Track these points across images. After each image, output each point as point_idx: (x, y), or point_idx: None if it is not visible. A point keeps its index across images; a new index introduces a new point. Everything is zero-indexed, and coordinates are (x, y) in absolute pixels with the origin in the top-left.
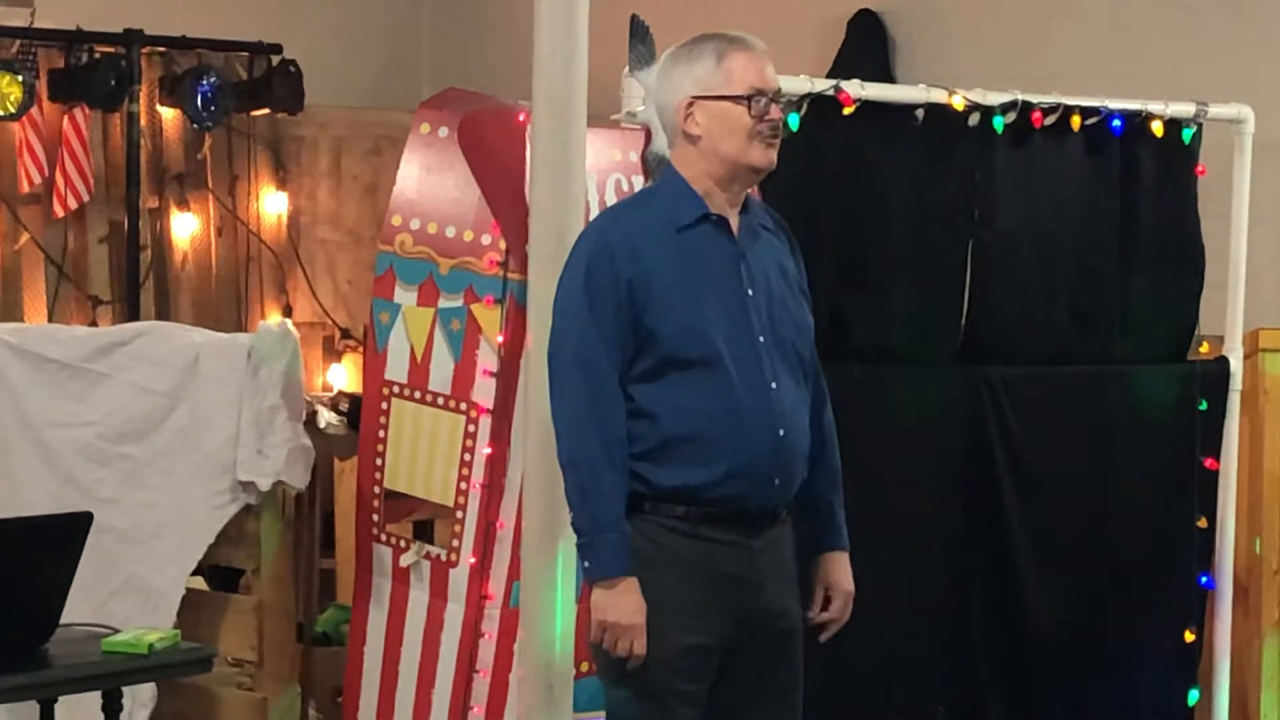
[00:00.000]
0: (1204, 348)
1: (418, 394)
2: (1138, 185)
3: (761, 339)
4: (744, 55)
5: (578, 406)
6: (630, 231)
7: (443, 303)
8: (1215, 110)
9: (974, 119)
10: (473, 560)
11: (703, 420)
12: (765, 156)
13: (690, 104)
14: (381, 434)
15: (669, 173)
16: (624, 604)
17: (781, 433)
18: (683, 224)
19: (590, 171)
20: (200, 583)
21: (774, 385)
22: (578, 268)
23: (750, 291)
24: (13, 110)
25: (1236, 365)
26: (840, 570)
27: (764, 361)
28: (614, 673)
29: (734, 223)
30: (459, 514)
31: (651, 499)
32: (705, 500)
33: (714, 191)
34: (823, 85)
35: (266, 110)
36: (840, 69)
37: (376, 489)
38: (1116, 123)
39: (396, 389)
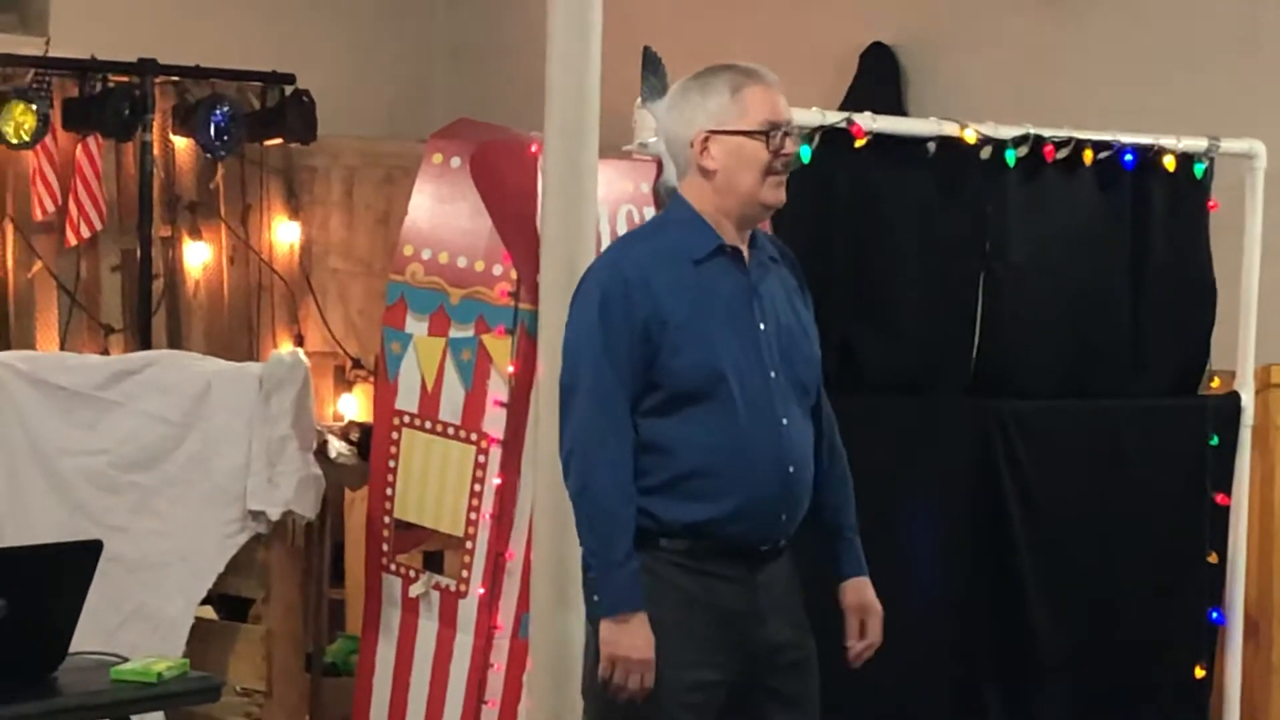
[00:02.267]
0: (1215, 383)
1: (428, 424)
2: (1149, 219)
3: (773, 374)
4: (759, 89)
5: (590, 441)
6: (644, 265)
7: (454, 333)
8: (1227, 145)
9: (986, 152)
10: (482, 591)
11: (713, 455)
12: (776, 195)
13: (706, 138)
14: (392, 464)
15: (678, 203)
16: (634, 639)
17: (791, 469)
18: (699, 256)
19: (602, 202)
20: (209, 612)
21: (784, 421)
22: (590, 300)
23: (763, 326)
24: (27, 139)
25: (1248, 400)
26: (868, 593)
27: (775, 397)
28: (613, 717)
29: (745, 254)
30: (468, 544)
31: (657, 534)
32: (712, 536)
33: (725, 224)
34: (834, 118)
35: (279, 140)
36: (852, 102)
37: (386, 519)
38: (1128, 157)
39: (407, 419)
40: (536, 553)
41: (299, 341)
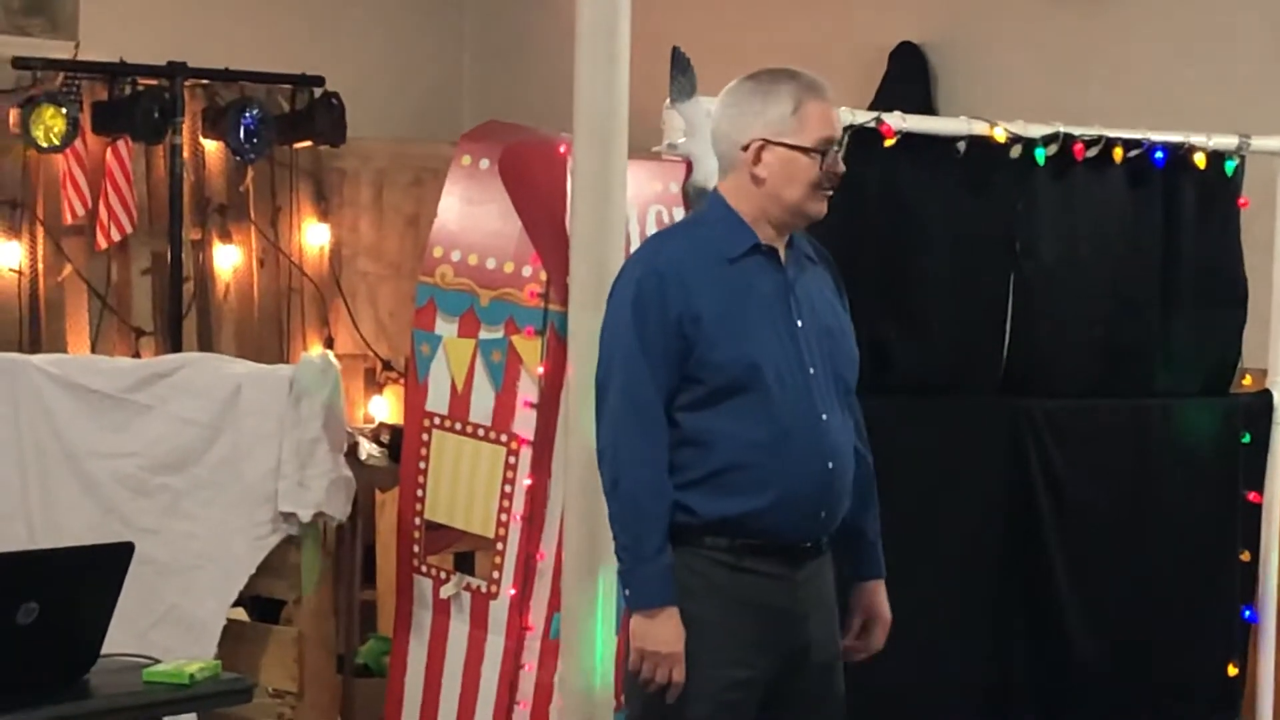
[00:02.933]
0: (1247, 380)
1: (458, 425)
2: (1180, 217)
3: (812, 370)
4: (820, 105)
5: (625, 437)
6: (679, 262)
7: (483, 334)
8: (1258, 142)
9: (1015, 151)
10: (513, 592)
11: (752, 450)
12: (820, 209)
13: (761, 146)
14: (422, 465)
15: (716, 201)
16: (663, 632)
17: (830, 465)
18: (734, 255)
19: (631, 203)
20: (241, 614)
21: (824, 417)
22: (625, 297)
23: (800, 322)
24: (56, 143)
25: (1279, 398)
26: (880, 599)
27: (815, 392)
28: (652, 715)
29: (781, 254)
30: (499, 545)
31: (696, 530)
32: (750, 531)
33: (763, 225)
34: (864, 117)
35: (309, 142)
36: (882, 101)
37: (417, 520)
38: (1159, 155)
39: (437, 420)
40: (567, 553)
41: (329, 344)
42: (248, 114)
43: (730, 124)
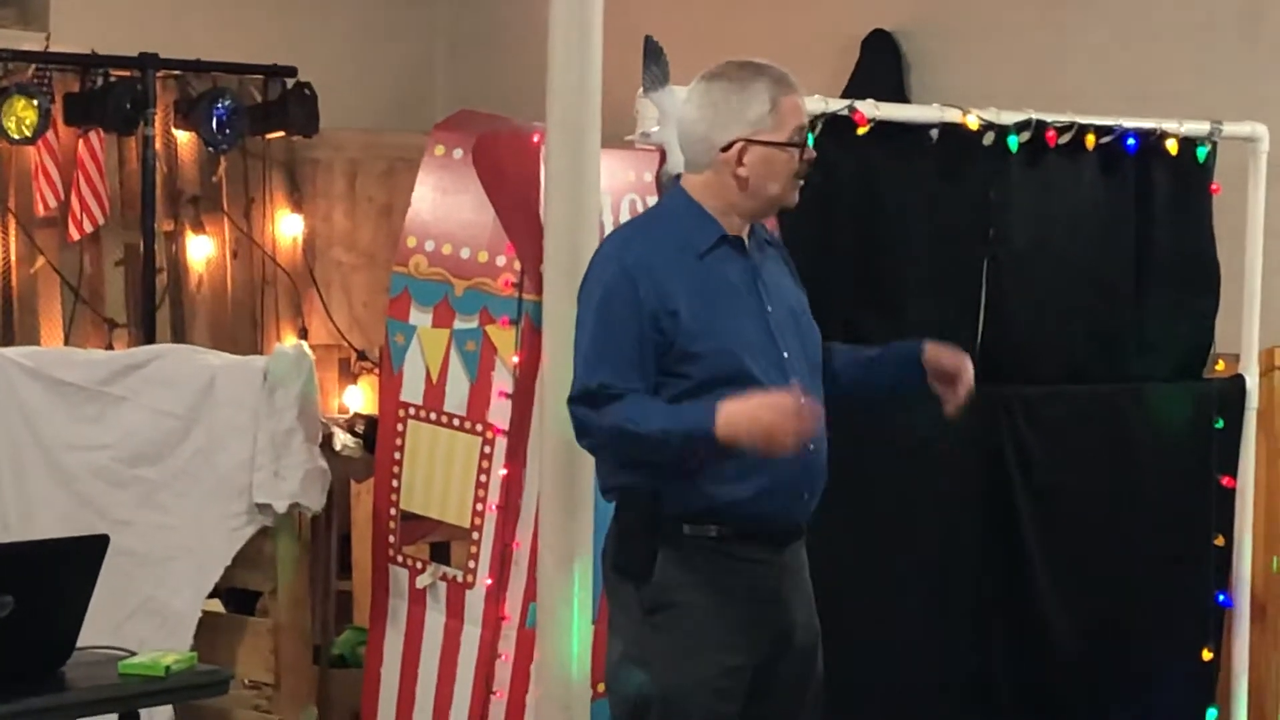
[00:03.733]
0: (1220, 366)
1: (433, 415)
2: (1152, 204)
3: (786, 354)
4: (793, 98)
5: (594, 431)
6: (648, 259)
7: (458, 324)
8: (1230, 128)
9: (988, 138)
10: (489, 581)
11: None
12: (795, 197)
13: (744, 148)
14: (397, 455)
15: (678, 194)
16: (735, 416)
17: (811, 446)
18: (703, 249)
19: (605, 192)
20: (217, 605)
21: (801, 400)
22: (590, 299)
23: (770, 308)
24: (28, 134)
25: (1252, 383)
26: (935, 352)
27: (790, 376)
28: (643, 706)
29: (745, 241)
30: (475, 535)
31: (683, 519)
32: (737, 517)
33: (731, 217)
34: (837, 105)
35: (281, 133)
36: (854, 88)
37: (392, 511)
38: (1131, 141)
39: (412, 410)
40: (543, 543)
41: (303, 334)
42: (220, 105)
43: (708, 125)
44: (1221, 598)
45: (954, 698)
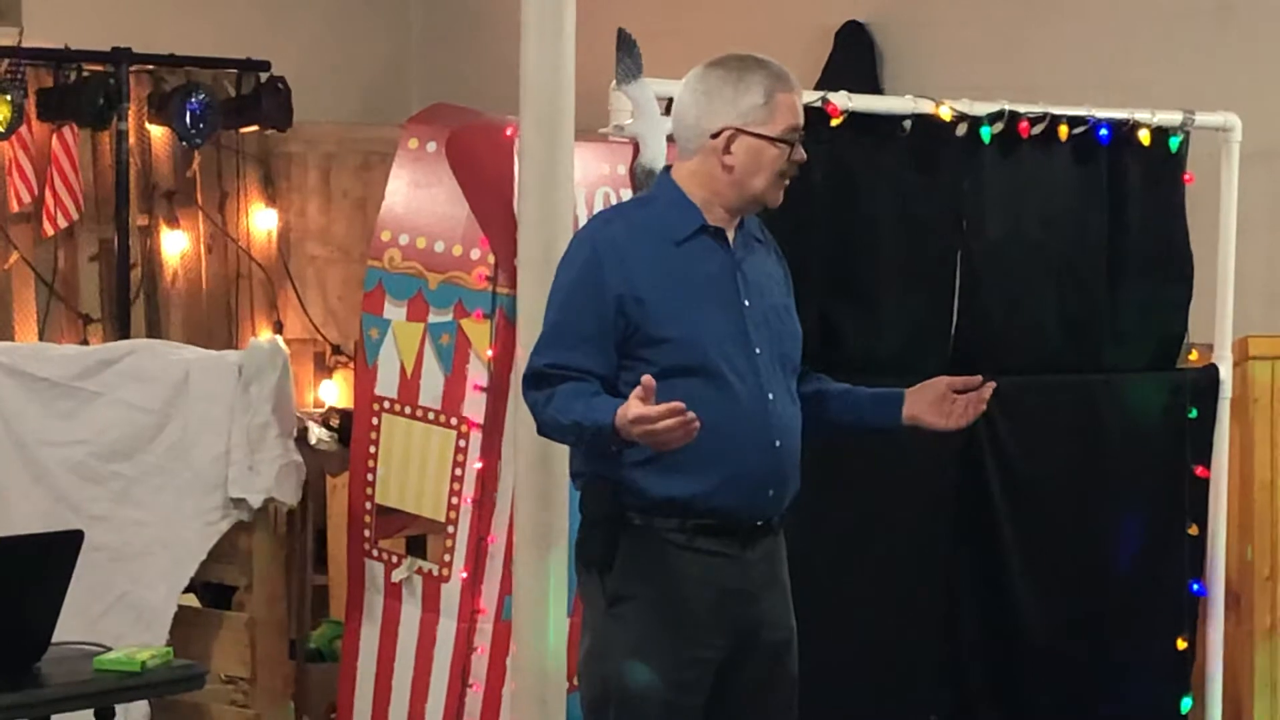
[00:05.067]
0: (1193, 356)
1: (408, 409)
2: (1125, 193)
3: (758, 350)
4: (789, 96)
5: (536, 416)
6: (620, 243)
7: (432, 317)
8: (1202, 118)
9: (961, 129)
10: (464, 575)
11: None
12: (779, 197)
13: (733, 135)
14: (372, 449)
15: (665, 182)
16: (624, 417)
17: (777, 443)
18: (680, 237)
19: (578, 185)
20: (193, 600)
21: (770, 396)
22: (561, 276)
23: (747, 303)
24: (1, 130)
25: (1226, 373)
26: (912, 395)
27: (761, 373)
28: (608, 697)
29: (730, 235)
30: (450, 529)
31: (646, 511)
32: (699, 511)
33: (715, 207)
34: (810, 97)
35: (255, 127)
36: (828, 80)
37: (368, 505)
38: (1104, 132)
39: (387, 404)
40: (518, 536)
41: (278, 329)
42: (193, 99)
43: (700, 111)
44: (1196, 587)
45: (927, 688)
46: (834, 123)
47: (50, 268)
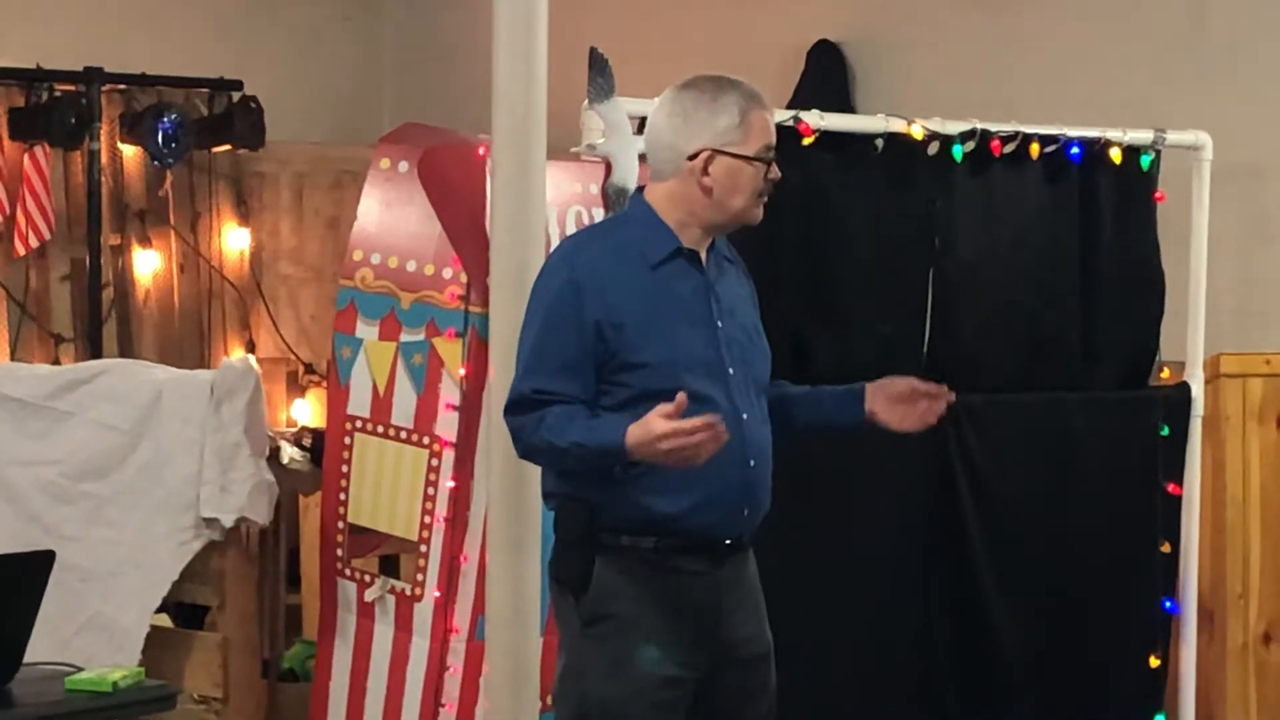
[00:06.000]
0: (1165, 373)
1: (381, 428)
2: (1097, 212)
3: (731, 371)
4: (763, 114)
5: (524, 440)
6: (597, 268)
7: (404, 337)
8: (1173, 137)
9: (933, 148)
10: (437, 594)
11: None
12: (758, 215)
13: (710, 157)
14: (345, 469)
15: (638, 203)
16: (641, 435)
17: (752, 463)
18: (656, 260)
19: (551, 204)
20: (165, 620)
21: (744, 416)
22: (539, 303)
23: (720, 324)
24: None
25: (1198, 391)
26: (876, 386)
27: (734, 393)
28: (580, 717)
29: (703, 256)
30: (423, 548)
31: (621, 531)
32: (675, 530)
33: (690, 229)
34: (782, 116)
35: (228, 146)
36: (800, 99)
37: (340, 524)
38: (1075, 150)
39: (359, 423)
40: (491, 555)
41: (250, 348)
42: (166, 119)
43: (675, 133)
44: (1168, 605)
45: (901, 703)
46: (806, 141)
47: (22, 287)
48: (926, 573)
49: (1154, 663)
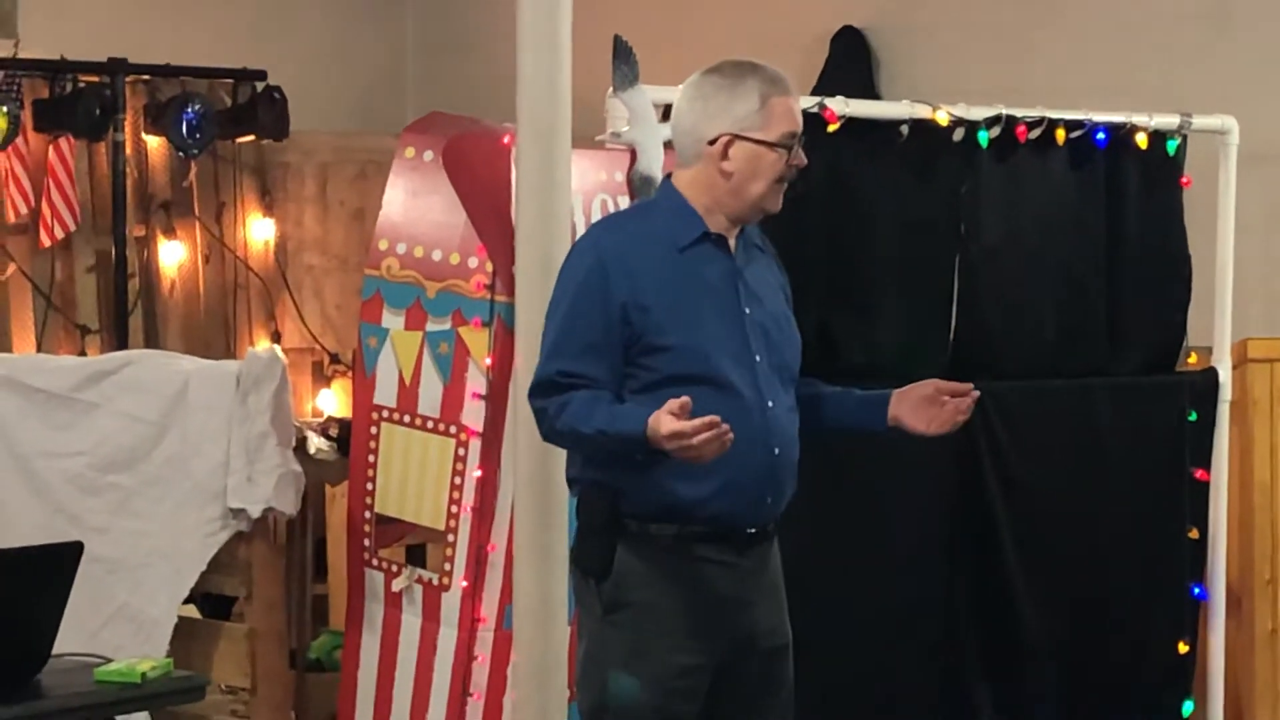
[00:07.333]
0: (1192, 359)
1: (407, 418)
2: (1123, 197)
3: (758, 358)
4: (785, 100)
5: (548, 424)
6: (624, 251)
7: (430, 326)
8: (1199, 121)
9: (958, 134)
10: (465, 584)
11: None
12: (778, 203)
13: (730, 141)
14: (371, 459)
15: (667, 190)
16: (660, 428)
17: (776, 451)
18: (683, 244)
19: (575, 192)
20: (192, 611)
21: (770, 404)
22: (568, 284)
23: (748, 310)
24: None
25: (1225, 376)
26: (899, 395)
27: (760, 380)
28: (604, 705)
29: (731, 242)
30: (450, 537)
31: (643, 518)
32: (697, 518)
33: (716, 214)
34: (807, 103)
35: (252, 137)
36: (824, 86)
37: (367, 514)
38: (1101, 135)
39: (386, 413)
40: (518, 544)
41: (276, 338)
42: (190, 109)
43: (696, 118)
44: (1197, 590)
45: (926, 693)
46: (831, 128)
47: (48, 279)
48: (954, 561)
49: (1182, 649)
